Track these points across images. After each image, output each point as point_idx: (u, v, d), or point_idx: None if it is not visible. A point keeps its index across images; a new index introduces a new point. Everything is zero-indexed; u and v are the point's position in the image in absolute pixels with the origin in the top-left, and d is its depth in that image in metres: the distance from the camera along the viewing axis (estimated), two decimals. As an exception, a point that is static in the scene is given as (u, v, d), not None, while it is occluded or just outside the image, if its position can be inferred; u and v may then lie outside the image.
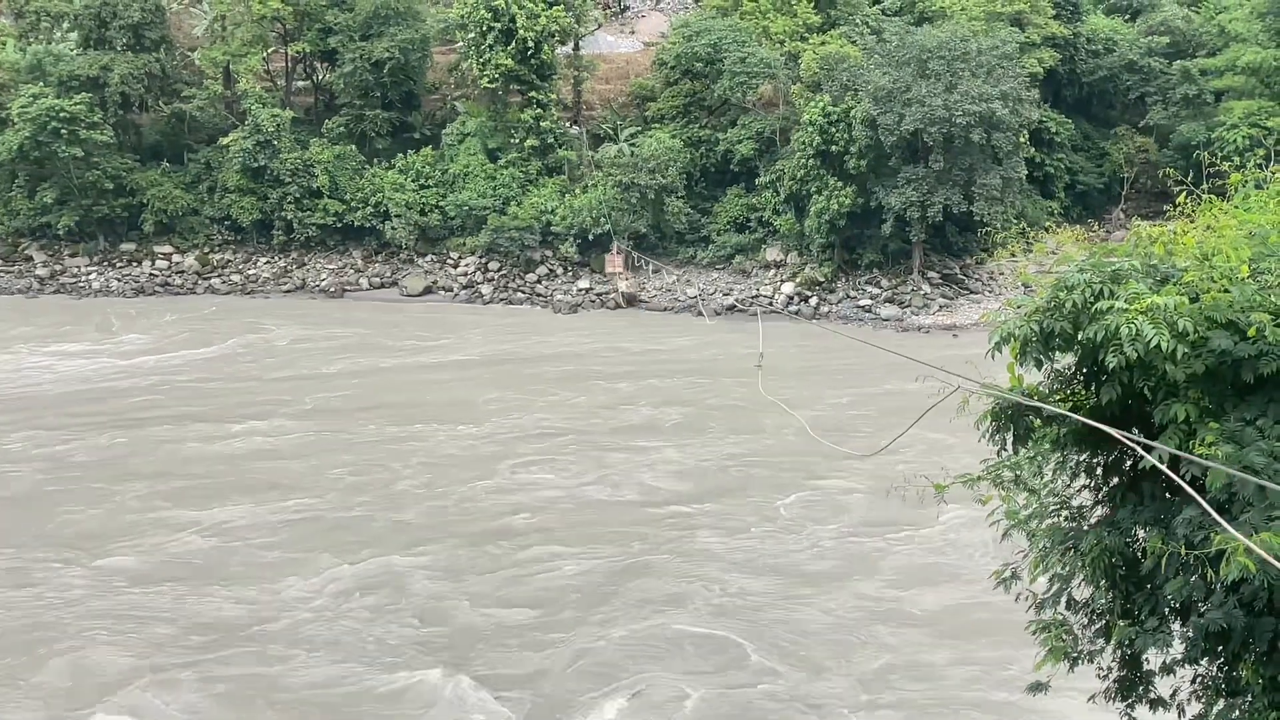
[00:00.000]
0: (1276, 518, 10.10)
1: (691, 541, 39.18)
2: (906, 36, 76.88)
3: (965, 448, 14.86)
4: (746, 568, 37.16)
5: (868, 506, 41.36)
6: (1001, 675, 29.50)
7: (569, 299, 79.49)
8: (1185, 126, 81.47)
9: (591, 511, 41.94)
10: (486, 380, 60.00)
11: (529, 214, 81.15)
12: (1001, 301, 65.74)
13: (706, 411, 54.55)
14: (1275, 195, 13.48)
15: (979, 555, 36.37)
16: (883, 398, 53.26)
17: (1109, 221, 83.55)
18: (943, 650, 31.66)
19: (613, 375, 61.47)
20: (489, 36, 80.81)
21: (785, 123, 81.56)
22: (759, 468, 46.63)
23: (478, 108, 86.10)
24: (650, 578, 36.25)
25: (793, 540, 39.26)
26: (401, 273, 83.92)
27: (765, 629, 32.98)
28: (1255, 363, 11.04)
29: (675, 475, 45.72)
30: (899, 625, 33.38)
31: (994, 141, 73.02)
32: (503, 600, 34.92)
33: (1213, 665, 12.47)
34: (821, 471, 45.03)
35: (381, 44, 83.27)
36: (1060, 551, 13.09)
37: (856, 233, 77.45)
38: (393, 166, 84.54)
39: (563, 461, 47.19)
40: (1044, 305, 12.04)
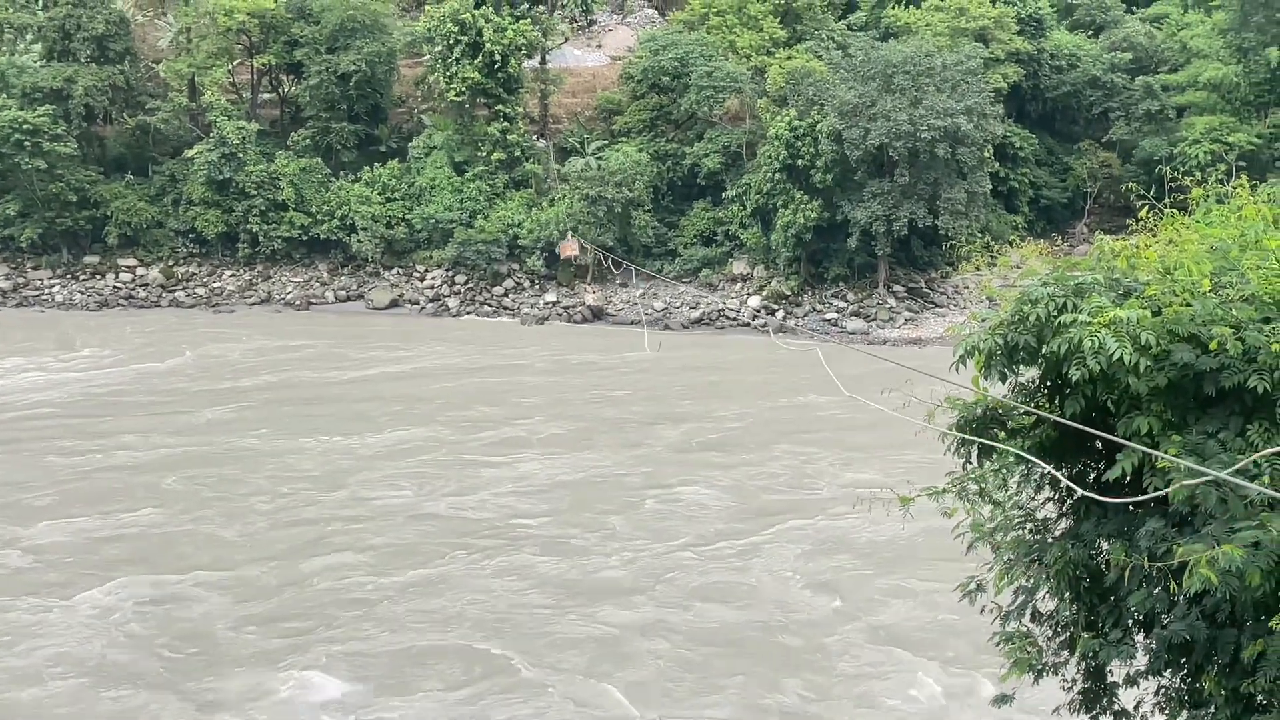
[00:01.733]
0: (1239, 530, 10.17)
1: (509, 556, 38.67)
2: (872, 52, 77.29)
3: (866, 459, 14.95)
4: (550, 583, 36.76)
5: (707, 521, 41.49)
6: (741, 700, 29.77)
7: (536, 312, 79.43)
8: (1148, 142, 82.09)
9: (422, 526, 41.45)
10: (403, 393, 59.77)
11: (496, 227, 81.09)
12: (966, 315, 66.10)
13: (596, 424, 54.56)
14: (1236, 210, 13.59)
15: (780, 573, 36.75)
16: (779, 410, 55.10)
17: (1073, 235, 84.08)
18: (693, 673, 31.35)
19: (533, 389, 61.52)
20: (456, 50, 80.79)
21: (751, 137, 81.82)
22: (618, 481, 46.41)
23: (444, 121, 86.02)
24: (440, 595, 35.72)
25: (615, 554, 38.92)
26: (368, 286, 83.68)
27: (531, 642, 32.76)
28: (1217, 376, 11.12)
29: (531, 490, 45.27)
30: (675, 640, 33.13)
31: (959, 156, 73.45)
32: (266, 617, 34.29)
33: (1176, 677, 12.54)
34: (679, 484, 45.29)
35: (348, 57, 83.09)
36: (1025, 564, 13.13)
37: (822, 246, 77.74)
38: (359, 179, 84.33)
39: (425, 475, 46.64)
40: (1008, 319, 12.10)
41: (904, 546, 37.43)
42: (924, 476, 14.18)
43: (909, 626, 33.58)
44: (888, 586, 36.03)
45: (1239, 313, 11.27)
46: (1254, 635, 10.79)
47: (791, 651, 32.14)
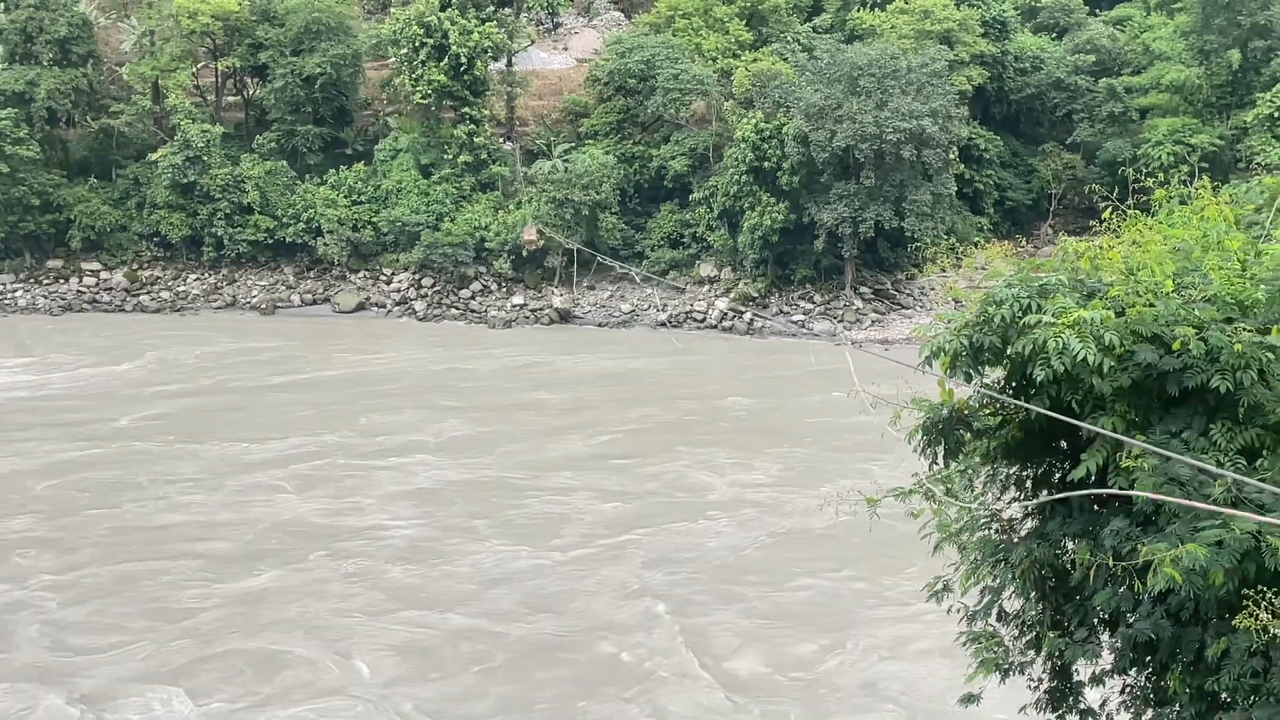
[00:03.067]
0: (1202, 529, 10.22)
1: (361, 561, 38.62)
2: (838, 54, 77.53)
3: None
4: (391, 588, 36.68)
5: (579, 526, 41.59)
6: (546, 712, 29.84)
7: (503, 315, 79.31)
8: (1111, 143, 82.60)
9: (286, 530, 41.35)
10: (331, 397, 59.70)
11: (463, 230, 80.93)
12: (932, 316, 66.46)
13: (513, 427, 54.68)
14: (1199, 211, 13.68)
15: (623, 582, 36.68)
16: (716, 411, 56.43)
17: (1037, 237, 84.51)
18: (502, 682, 31.35)
19: (464, 391, 61.61)
20: (422, 52, 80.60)
21: (718, 139, 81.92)
22: (508, 484, 46.51)
23: (410, 123, 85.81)
24: (271, 600, 35.67)
25: (468, 559, 38.89)
26: (334, 289, 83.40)
27: (345, 647, 32.77)
28: (1180, 376, 11.18)
29: (411, 493, 45.36)
30: (492, 647, 33.06)
31: (924, 158, 73.75)
32: (79, 623, 34.14)
33: (1141, 675, 12.59)
34: (569, 489, 45.45)
35: (313, 59, 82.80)
36: (991, 564, 13.16)
37: (789, 248, 77.90)
38: (325, 182, 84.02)
39: (311, 479, 46.56)
40: (973, 320, 12.14)
41: (748, 555, 38.14)
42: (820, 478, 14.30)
43: (722, 633, 33.47)
44: (717, 593, 35.91)
45: (1201, 313, 11.33)
46: (1218, 633, 10.86)
47: (605, 661, 32.03)
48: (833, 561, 37.83)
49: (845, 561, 37.64)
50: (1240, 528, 10.07)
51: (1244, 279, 11.75)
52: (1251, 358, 10.89)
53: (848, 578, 36.90)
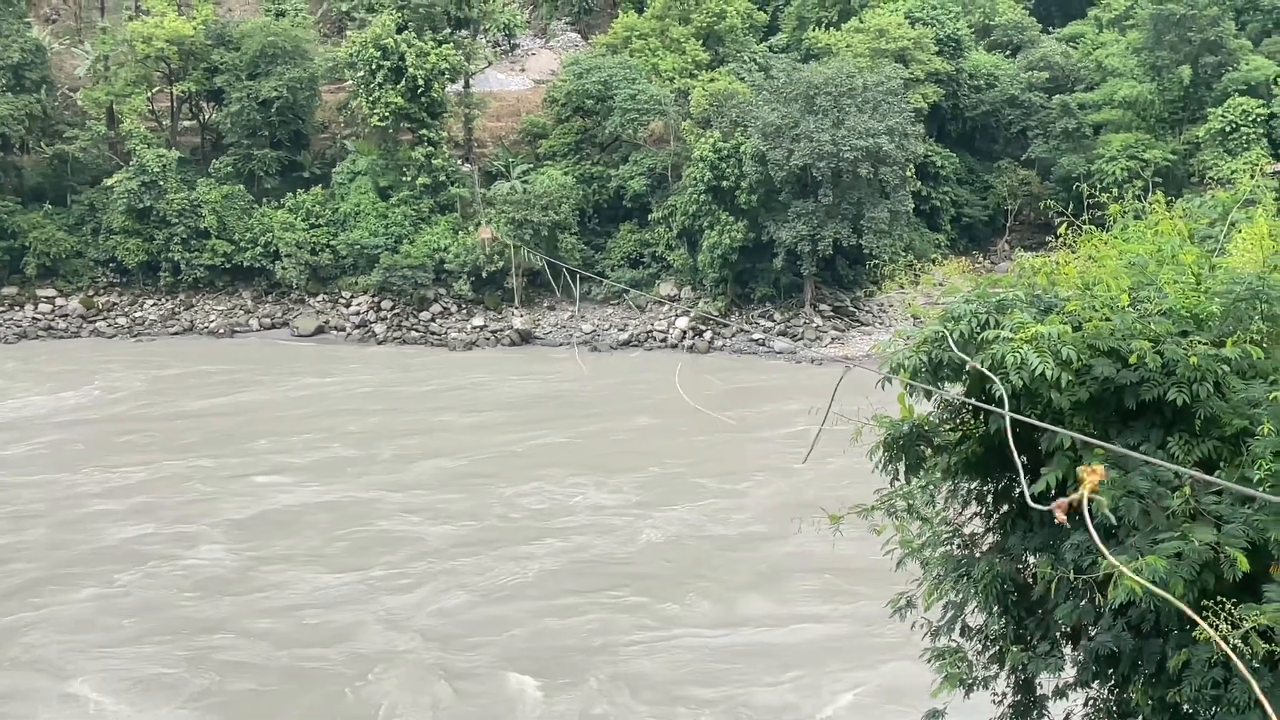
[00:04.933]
0: (1161, 541, 10.30)
1: (149, 591, 38.32)
2: (794, 73, 77.91)
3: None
4: (164, 612, 36.53)
5: (400, 551, 41.38)
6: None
7: (464, 336, 79.13)
8: (1066, 159, 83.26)
9: (83, 560, 40.84)
10: (244, 421, 59.43)
11: (422, 252, 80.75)
12: (892, 333, 66.81)
13: (401, 449, 54.53)
14: (1153, 226, 13.81)
15: (395, 611, 36.46)
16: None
17: (994, 253, 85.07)
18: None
19: (372, 413, 61.33)
20: (378, 75, 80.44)
21: (676, 159, 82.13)
22: (359, 507, 46.27)
23: (368, 146, 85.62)
24: (19, 633, 35.35)
25: (261, 584, 38.66)
26: (292, 313, 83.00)
27: (84, 670, 32.73)
28: (1137, 389, 11.27)
29: (249, 518, 44.99)
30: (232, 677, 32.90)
31: (881, 176, 74.15)
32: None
33: (1104, 688, 12.66)
34: (403, 513, 45.32)
35: (269, 83, 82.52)
36: (954, 579, 13.22)
37: (749, 267, 78.11)
38: (282, 206, 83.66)
39: (154, 508, 46.02)
40: (932, 336, 12.20)
41: (551, 582, 38.07)
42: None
43: (478, 668, 33.25)
44: (495, 624, 35.75)
45: (1157, 326, 11.43)
46: (1178, 645, 10.93)
47: (337, 694, 31.77)
48: (629, 589, 37.97)
49: (643, 588, 37.96)
50: (1199, 539, 10.15)
51: (1198, 292, 11.87)
52: (1207, 370, 11.00)
53: (633, 604, 36.98)
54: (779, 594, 37.46)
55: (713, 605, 36.76)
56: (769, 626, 35.07)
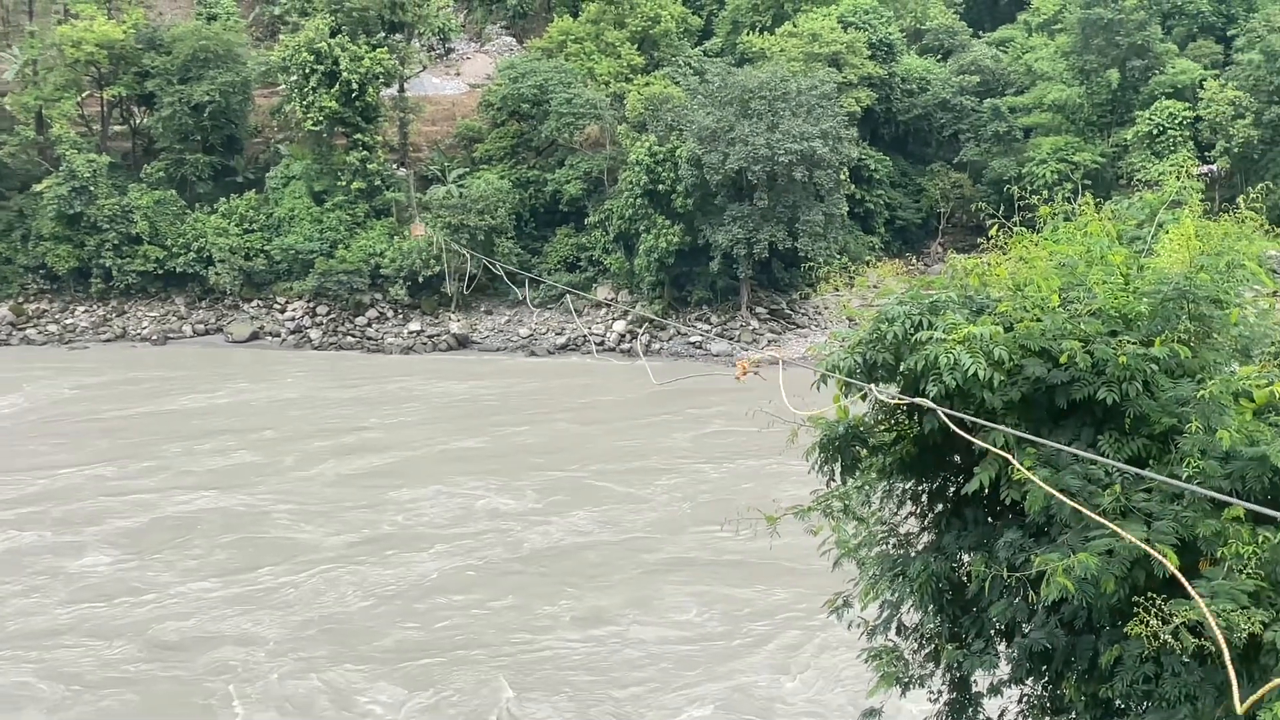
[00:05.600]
0: (1093, 538, 10.42)
1: (69, 586, 38.12)
2: (728, 77, 78.22)
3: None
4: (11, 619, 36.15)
5: (265, 561, 40.88)
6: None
7: (400, 341, 78.77)
8: (997, 162, 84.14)
9: (4, 559, 40.50)
10: (163, 428, 58.64)
11: (357, 257, 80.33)
12: (827, 335, 67.21)
13: (302, 456, 54.06)
14: (1082, 227, 13.98)
15: (242, 624, 36.06)
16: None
17: (927, 255, 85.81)
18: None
19: (290, 420, 60.77)
20: (312, 79, 79.91)
21: (612, 163, 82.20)
22: (251, 515, 45.78)
23: (302, 150, 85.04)
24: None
25: (127, 591, 38.13)
26: (227, 319, 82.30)
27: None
28: (1068, 389, 11.40)
29: (135, 527, 44.14)
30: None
31: (816, 179, 74.58)
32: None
33: (1038, 685, 12.78)
34: (293, 520, 44.89)
35: (201, 87, 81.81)
36: (889, 578, 13.28)
37: (685, 270, 78.28)
38: (215, 211, 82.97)
39: (37, 517, 45.24)
40: (866, 337, 12.27)
41: (400, 592, 37.69)
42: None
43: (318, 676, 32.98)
44: (346, 629, 35.48)
45: (1087, 327, 11.56)
46: (1110, 641, 11.05)
47: (194, 705, 31.29)
48: (507, 595, 37.79)
49: (501, 592, 37.92)
50: (1130, 536, 10.27)
51: (1127, 293, 12.01)
52: (1136, 369, 11.14)
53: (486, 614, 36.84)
54: (651, 600, 37.24)
55: (584, 611, 36.50)
56: (635, 633, 34.85)
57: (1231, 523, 10.15)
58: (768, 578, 37.97)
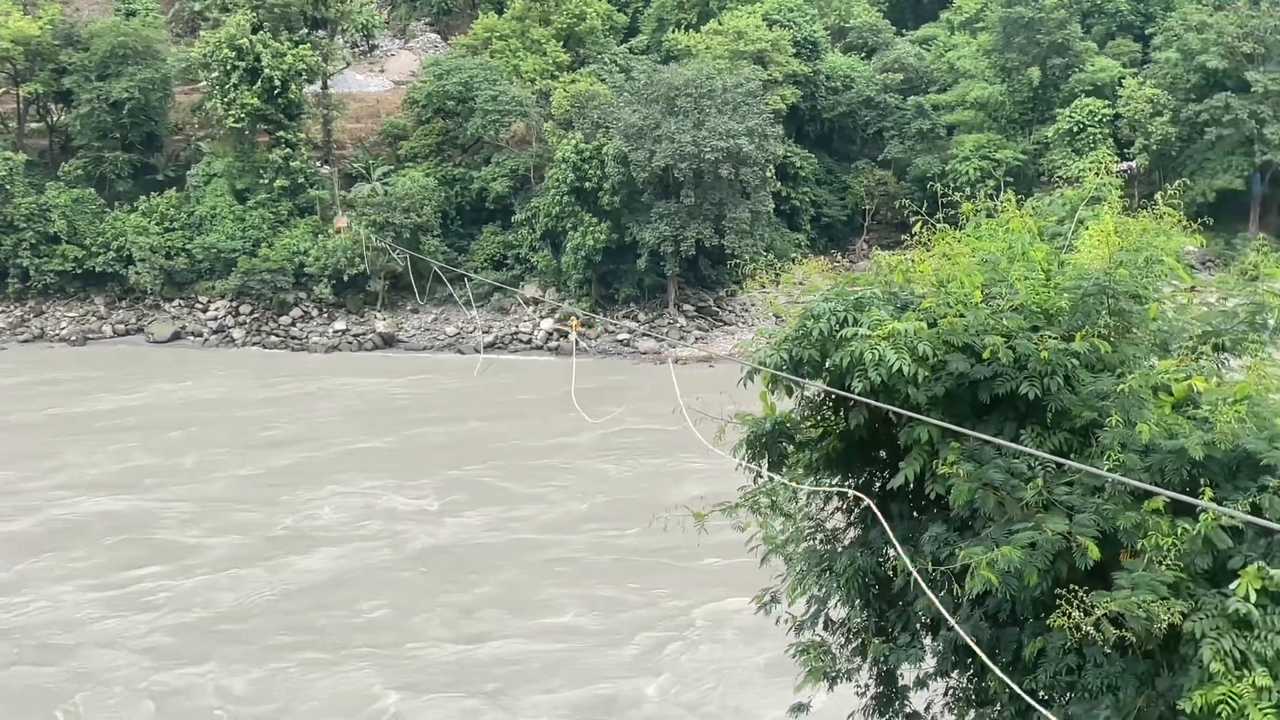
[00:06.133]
0: (1016, 532, 10.52)
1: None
2: (654, 75, 78.27)
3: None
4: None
5: (139, 566, 40.30)
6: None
7: (325, 340, 78.10)
8: (921, 159, 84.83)
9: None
10: (73, 432, 57.59)
11: (281, 255, 79.53)
12: (754, 332, 67.35)
13: (199, 458, 53.38)
14: (1004, 224, 14.11)
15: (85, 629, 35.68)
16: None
17: (853, 252, 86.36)
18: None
19: (197, 422, 59.91)
20: (233, 75, 78.99)
21: (539, 160, 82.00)
22: (128, 516, 45.29)
23: (224, 148, 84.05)
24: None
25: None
26: (148, 318, 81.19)
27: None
28: (991, 384, 11.51)
29: (52, 524, 43.90)
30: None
31: (742, 176, 74.83)
32: None
33: (963, 677, 12.90)
34: (179, 524, 44.41)
35: (120, 84, 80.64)
36: (816, 573, 13.35)
37: (613, 268, 78.26)
38: (135, 209, 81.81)
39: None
40: (792, 334, 12.32)
41: (278, 598, 37.37)
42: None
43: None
44: (215, 635, 35.06)
45: (1009, 322, 11.68)
46: (1034, 633, 11.18)
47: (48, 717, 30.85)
48: (379, 600, 37.44)
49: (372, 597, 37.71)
50: (1052, 529, 10.39)
51: (1048, 288, 12.15)
52: (1057, 364, 11.27)
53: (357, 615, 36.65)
54: (530, 601, 37.09)
55: (459, 613, 36.30)
56: (507, 635, 34.71)
57: (1151, 515, 10.29)
58: (652, 579, 38.11)
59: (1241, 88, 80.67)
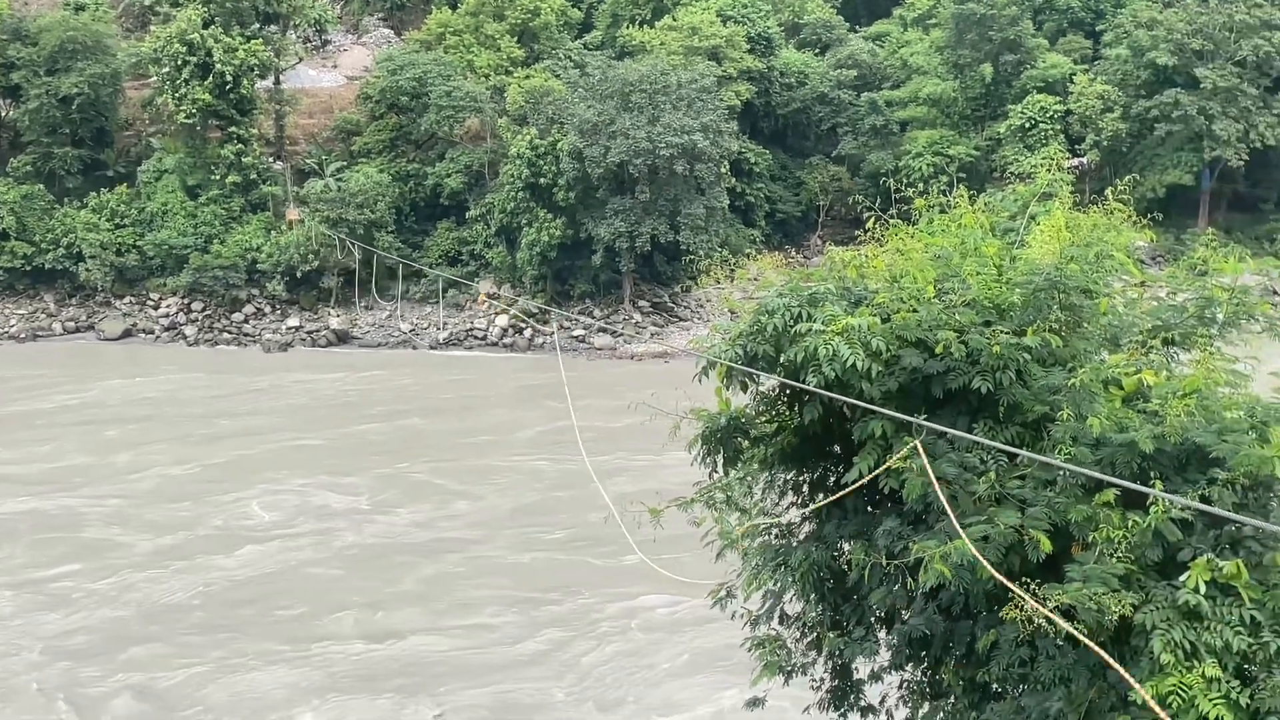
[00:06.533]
0: (969, 525, 10.58)
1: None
2: (609, 70, 78.19)
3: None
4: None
5: (55, 566, 40.12)
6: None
7: (278, 338, 77.57)
8: (874, 155, 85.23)
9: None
10: (4, 431, 57.05)
11: (233, 252, 78.93)
12: (709, 327, 67.44)
13: (131, 456, 52.79)
14: (957, 220, 14.20)
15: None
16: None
17: (807, 247, 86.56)
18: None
19: (135, 420, 59.27)
20: (184, 71, 78.31)
21: (493, 156, 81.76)
22: (56, 514, 45.00)
23: (175, 144, 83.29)
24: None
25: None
26: (98, 316, 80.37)
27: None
28: (943, 379, 11.58)
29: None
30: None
31: (697, 172, 74.90)
32: None
33: (917, 670, 12.99)
34: (98, 523, 44.12)
35: (69, 79, 79.79)
36: (772, 568, 13.41)
37: (568, 264, 78.16)
38: (85, 205, 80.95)
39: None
40: (746, 330, 12.35)
41: (189, 598, 36.96)
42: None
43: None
44: (124, 635, 34.92)
45: (962, 317, 11.75)
46: (987, 626, 11.25)
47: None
48: (294, 599, 37.26)
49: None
50: (1004, 522, 10.47)
51: (1000, 283, 12.24)
52: (1009, 359, 11.35)
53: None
54: (446, 603, 36.85)
55: (370, 615, 36.04)
56: (417, 637, 34.50)
57: (1102, 508, 10.38)
58: (572, 577, 38.07)
59: (1191, 84, 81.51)
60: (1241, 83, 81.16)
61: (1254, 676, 9.61)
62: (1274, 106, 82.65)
